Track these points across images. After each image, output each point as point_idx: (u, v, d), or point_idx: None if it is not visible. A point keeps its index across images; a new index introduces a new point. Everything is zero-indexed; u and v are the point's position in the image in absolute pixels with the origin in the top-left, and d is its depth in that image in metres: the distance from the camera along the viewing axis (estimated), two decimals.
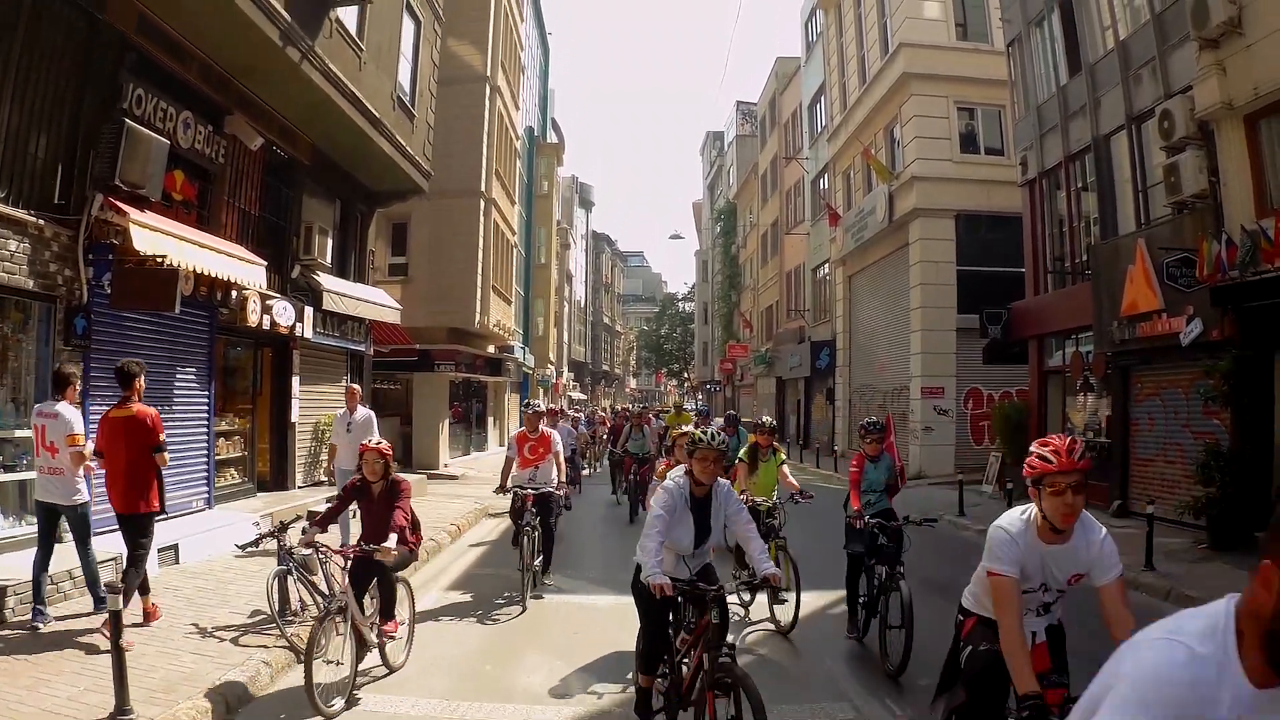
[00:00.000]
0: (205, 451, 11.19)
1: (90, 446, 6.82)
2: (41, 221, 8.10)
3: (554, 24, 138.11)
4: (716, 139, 64.17)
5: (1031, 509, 3.45)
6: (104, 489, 6.98)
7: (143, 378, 6.95)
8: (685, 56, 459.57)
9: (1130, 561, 9.86)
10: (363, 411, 10.62)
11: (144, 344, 9.83)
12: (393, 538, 5.82)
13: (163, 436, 6.80)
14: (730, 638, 4.58)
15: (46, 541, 6.72)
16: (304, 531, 6.10)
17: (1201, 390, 11.72)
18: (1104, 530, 3.45)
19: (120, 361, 7.07)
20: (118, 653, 4.80)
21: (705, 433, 4.90)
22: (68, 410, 6.74)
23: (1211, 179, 11.75)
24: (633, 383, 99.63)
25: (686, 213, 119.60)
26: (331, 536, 6.96)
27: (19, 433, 8.14)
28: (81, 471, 6.69)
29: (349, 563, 6.00)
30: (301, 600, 7.09)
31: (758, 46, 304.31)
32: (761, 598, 7.95)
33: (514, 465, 9.35)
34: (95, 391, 8.80)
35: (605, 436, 22.94)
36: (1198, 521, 11.19)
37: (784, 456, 8.94)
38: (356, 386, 11.16)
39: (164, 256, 8.83)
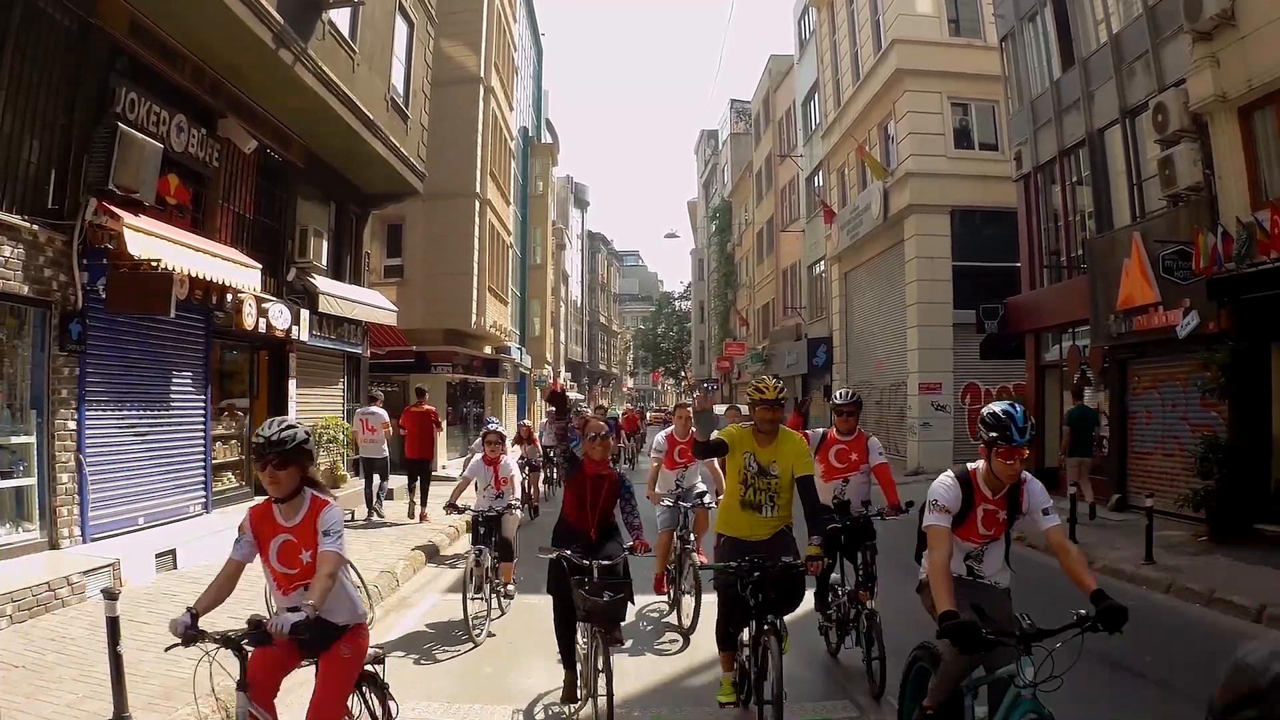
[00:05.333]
0: (202, 456, 11.14)
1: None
2: (35, 227, 8.06)
3: (547, 25, 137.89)
4: (711, 137, 64.21)
5: None
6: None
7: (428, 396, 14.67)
8: (678, 55, 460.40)
9: (1131, 555, 9.96)
10: None
11: (139, 348, 9.80)
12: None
13: (439, 419, 14.60)
14: None
15: (369, 479, 13.56)
16: None
17: (1199, 383, 11.74)
18: None
19: (417, 385, 15.19)
20: (116, 659, 4.78)
21: None
22: (380, 409, 13.80)
23: (1206, 171, 11.76)
24: (630, 382, 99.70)
25: (682, 211, 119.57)
26: None
27: (16, 439, 8.11)
28: (385, 440, 13.55)
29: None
30: None
31: (751, 44, 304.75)
32: None
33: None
34: (90, 396, 8.77)
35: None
36: (1197, 514, 11.19)
37: None
38: None
39: (158, 260, 8.78)
